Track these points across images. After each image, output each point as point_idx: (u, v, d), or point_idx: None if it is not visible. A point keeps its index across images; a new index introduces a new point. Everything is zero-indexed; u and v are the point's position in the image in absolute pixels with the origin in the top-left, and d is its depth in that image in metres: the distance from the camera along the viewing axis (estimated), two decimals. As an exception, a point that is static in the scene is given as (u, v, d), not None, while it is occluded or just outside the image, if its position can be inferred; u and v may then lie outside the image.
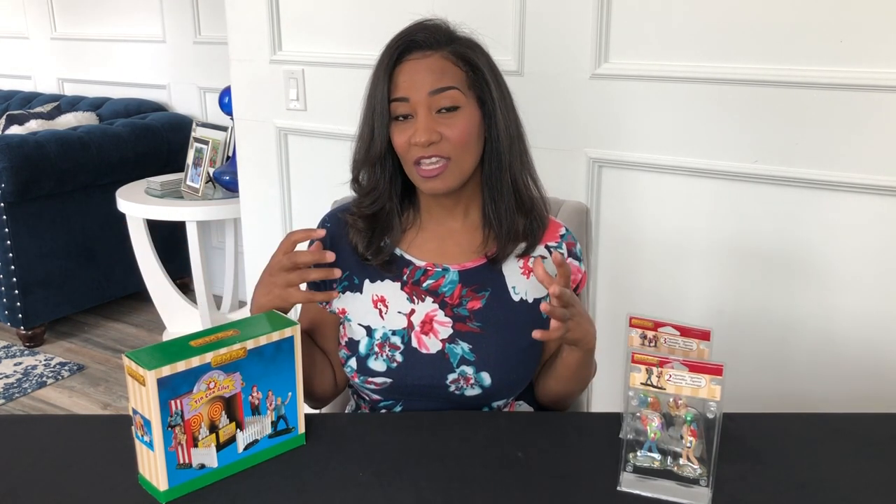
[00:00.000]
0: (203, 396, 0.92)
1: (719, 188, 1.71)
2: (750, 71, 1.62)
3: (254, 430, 0.98)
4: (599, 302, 1.91)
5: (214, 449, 0.95)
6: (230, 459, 0.96)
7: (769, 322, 1.72)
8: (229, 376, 0.94)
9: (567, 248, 1.20)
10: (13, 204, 2.94)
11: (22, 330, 3.11)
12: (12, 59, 4.22)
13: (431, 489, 0.93)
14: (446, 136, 1.08)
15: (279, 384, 0.99)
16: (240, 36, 2.30)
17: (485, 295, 1.16)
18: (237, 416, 0.96)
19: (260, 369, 0.97)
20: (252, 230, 2.45)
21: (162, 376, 0.88)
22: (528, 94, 1.87)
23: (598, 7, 1.74)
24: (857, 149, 1.55)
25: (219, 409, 0.94)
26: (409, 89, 1.08)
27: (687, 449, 0.93)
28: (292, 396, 1.01)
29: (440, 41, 1.11)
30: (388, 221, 1.17)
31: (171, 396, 0.89)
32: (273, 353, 0.98)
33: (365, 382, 1.16)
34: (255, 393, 0.97)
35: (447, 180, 1.10)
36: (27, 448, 1.04)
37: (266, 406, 0.99)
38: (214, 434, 0.94)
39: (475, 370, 1.13)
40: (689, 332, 1.00)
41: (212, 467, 0.95)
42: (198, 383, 0.91)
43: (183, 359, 0.89)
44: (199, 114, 3.56)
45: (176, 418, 0.90)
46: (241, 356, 0.94)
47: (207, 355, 0.91)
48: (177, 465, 0.92)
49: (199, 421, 0.93)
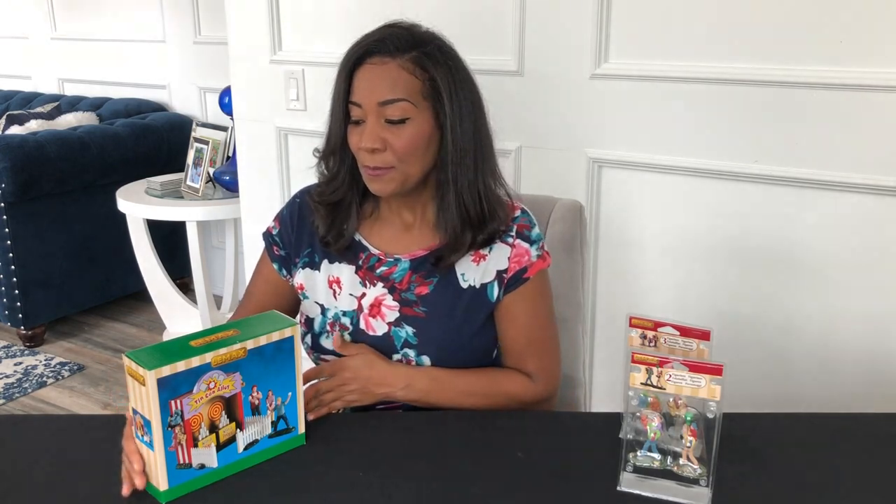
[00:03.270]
0: (203, 396, 0.92)
1: (719, 188, 1.71)
2: (750, 71, 1.62)
3: (254, 430, 0.98)
4: (599, 302, 1.91)
5: (214, 449, 0.95)
6: (230, 459, 0.96)
7: (769, 322, 1.72)
8: (229, 376, 0.94)
9: (517, 230, 1.19)
10: (13, 204, 2.94)
11: (22, 330, 3.11)
12: (12, 59, 4.21)
13: (431, 489, 0.93)
14: (391, 145, 1.09)
15: (279, 384, 0.99)
16: (240, 36, 2.30)
17: (433, 281, 1.18)
18: (237, 416, 0.96)
19: (260, 369, 0.97)
20: (252, 230, 2.45)
21: (162, 376, 0.88)
22: (528, 94, 1.88)
23: (598, 7, 1.74)
24: (857, 149, 1.55)
25: (219, 409, 0.94)
26: (362, 96, 1.10)
27: (687, 449, 0.93)
28: (292, 396, 1.01)
29: (401, 48, 1.09)
30: (348, 210, 1.20)
31: (171, 396, 0.89)
32: (273, 353, 0.98)
33: (318, 359, 1.23)
34: (255, 393, 0.97)
35: (389, 185, 1.12)
36: (27, 448, 1.04)
37: (266, 406, 0.99)
38: (214, 434, 0.94)
39: (416, 353, 1.16)
40: (689, 332, 1.00)
41: (212, 467, 0.95)
42: (198, 383, 0.91)
43: (183, 359, 0.89)
44: (199, 114, 3.56)
45: (176, 418, 0.90)
46: (242, 356, 0.94)
47: (207, 355, 0.91)
48: (177, 465, 0.92)
49: (199, 421, 0.93)
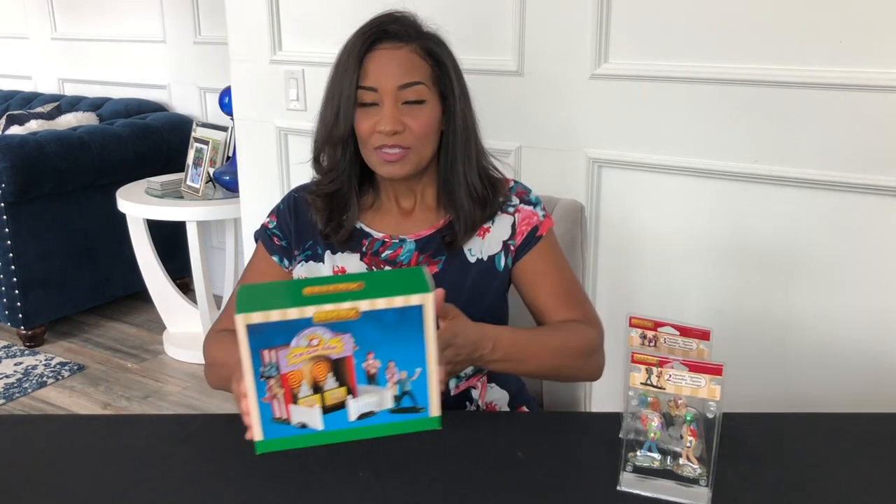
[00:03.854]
0: (303, 352, 0.83)
1: (719, 188, 1.71)
2: (750, 71, 1.62)
3: (369, 400, 0.87)
4: (599, 302, 1.91)
5: (320, 411, 0.86)
6: (339, 426, 0.87)
7: (769, 322, 1.72)
8: (337, 336, 0.83)
9: (518, 197, 1.23)
10: (13, 204, 2.94)
11: (22, 330, 3.11)
12: (12, 59, 4.22)
13: (431, 489, 0.93)
14: (410, 127, 1.12)
15: (403, 356, 0.86)
16: (240, 36, 2.30)
17: (440, 260, 1.19)
18: (348, 382, 0.86)
19: (378, 335, 0.84)
20: (252, 230, 2.45)
21: (252, 323, 0.80)
22: (528, 94, 1.88)
23: (598, 7, 1.74)
24: (857, 149, 1.55)
25: (324, 369, 0.85)
26: (378, 79, 1.11)
27: (687, 449, 0.93)
28: (422, 373, 0.88)
29: (410, 35, 1.14)
30: (346, 201, 1.20)
31: (264, 346, 0.81)
32: (395, 321, 0.84)
33: None
34: (370, 360, 0.86)
35: (405, 167, 1.14)
36: (27, 448, 1.04)
37: (385, 377, 0.87)
38: (319, 395, 0.85)
39: None
40: (688, 332, 1.00)
41: (315, 429, 0.87)
42: (297, 337, 0.82)
43: (280, 308, 0.80)
44: (199, 114, 3.56)
45: (270, 369, 0.82)
46: (353, 317, 0.82)
47: (308, 310, 0.81)
48: (273, 418, 0.85)
49: (298, 378, 0.84)
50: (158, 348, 3.15)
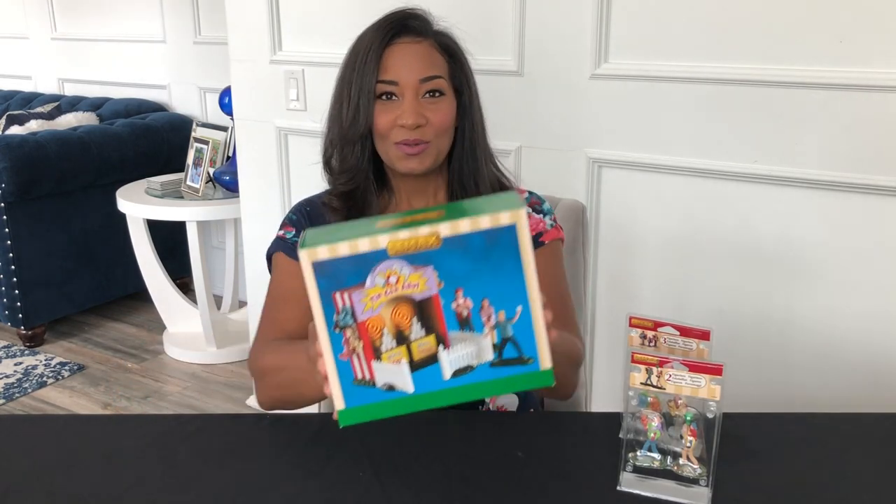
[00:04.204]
0: (381, 293, 0.70)
1: (719, 188, 1.71)
2: (750, 71, 1.62)
3: (465, 351, 0.73)
4: (599, 302, 1.91)
5: (408, 367, 0.73)
6: (432, 386, 0.73)
7: (769, 322, 1.72)
8: (418, 271, 0.70)
9: (532, 206, 1.23)
10: (13, 204, 2.94)
11: (22, 330, 3.11)
12: (12, 59, 4.22)
13: (431, 489, 0.93)
14: (431, 120, 1.11)
15: (500, 291, 0.72)
16: (240, 36, 2.30)
17: None
18: (437, 328, 0.72)
19: (465, 267, 0.71)
20: (252, 230, 2.45)
21: (318, 259, 0.69)
22: (528, 94, 1.88)
23: (598, 7, 1.74)
24: (857, 149, 1.55)
25: (407, 313, 0.71)
26: (398, 73, 1.11)
27: (687, 449, 0.93)
28: (524, 313, 0.72)
29: (428, 30, 1.15)
30: (365, 198, 1.19)
31: (336, 287, 0.70)
32: (485, 248, 0.70)
33: None
34: (460, 299, 0.72)
35: (425, 161, 1.13)
36: (27, 448, 1.04)
37: (481, 320, 0.72)
38: (405, 347, 0.72)
39: None
40: (689, 332, 1.00)
41: (405, 392, 0.73)
42: (371, 275, 0.70)
43: (348, 239, 0.69)
44: (199, 114, 3.56)
45: (345, 317, 0.71)
46: (434, 245, 0.69)
47: (381, 239, 0.69)
48: (353, 379, 0.73)
49: (378, 326, 0.71)
50: (158, 348, 3.15)
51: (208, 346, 3.02)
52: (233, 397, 2.73)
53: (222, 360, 3.01)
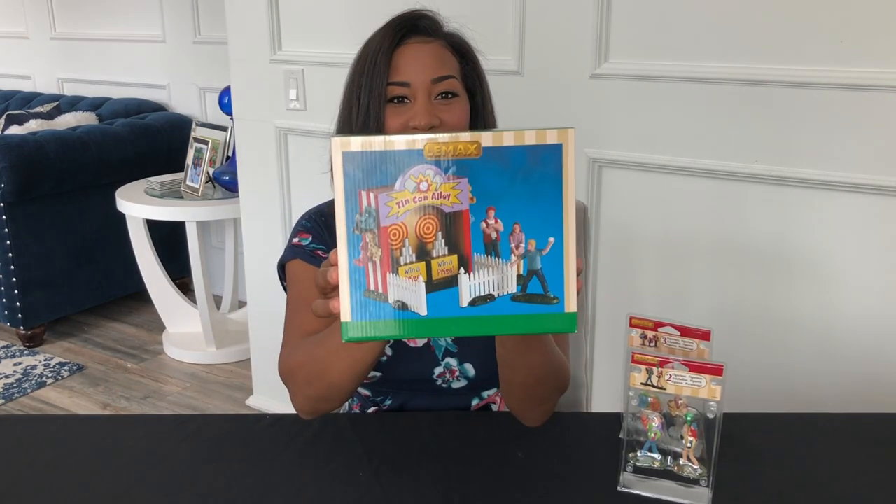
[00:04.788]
0: (409, 199, 0.66)
1: (719, 188, 1.71)
2: (750, 71, 1.62)
3: (487, 278, 0.68)
4: (599, 302, 1.91)
5: (424, 287, 0.67)
6: (447, 312, 0.67)
7: (769, 322, 1.72)
8: (452, 181, 0.66)
9: None
10: (13, 204, 2.94)
11: (22, 330, 3.11)
12: (12, 59, 4.21)
13: (431, 489, 0.93)
14: (445, 121, 1.09)
15: (533, 218, 0.67)
16: (240, 36, 2.30)
17: None
18: (461, 247, 0.67)
19: (502, 184, 0.66)
20: (252, 230, 2.45)
21: (349, 150, 0.64)
22: (528, 94, 1.87)
23: (598, 7, 1.74)
24: (857, 149, 1.55)
25: (433, 225, 0.67)
26: (410, 74, 1.08)
27: (687, 449, 0.93)
28: (556, 246, 0.68)
29: (438, 31, 1.13)
30: None
31: (363, 185, 0.65)
32: (526, 166, 0.67)
33: None
34: (491, 219, 0.67)
35: None
36: (27, 448, 1.04)
37: (510, 246, 0.67)
38: (424, 264, 0.67)
39: (458, 361, 1.15)
40: (689, 332, 1.00)
41: (417, 314, 0.67)
42: (402, 177, 0.65)
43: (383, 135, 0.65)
44: (198, 114, 3.56)
45: (367, 220, 0.66)
46: (473, 154, 0.66)
47: (418, 139, 0.65)
48: (365, 289, 0.67)
49: (400, 235, 0.66)
50: (158, 348, 3.15)
51: (208, 346, 3.02)
52: (232, 397, 2.73)
53: (222, 361, 3.01)
